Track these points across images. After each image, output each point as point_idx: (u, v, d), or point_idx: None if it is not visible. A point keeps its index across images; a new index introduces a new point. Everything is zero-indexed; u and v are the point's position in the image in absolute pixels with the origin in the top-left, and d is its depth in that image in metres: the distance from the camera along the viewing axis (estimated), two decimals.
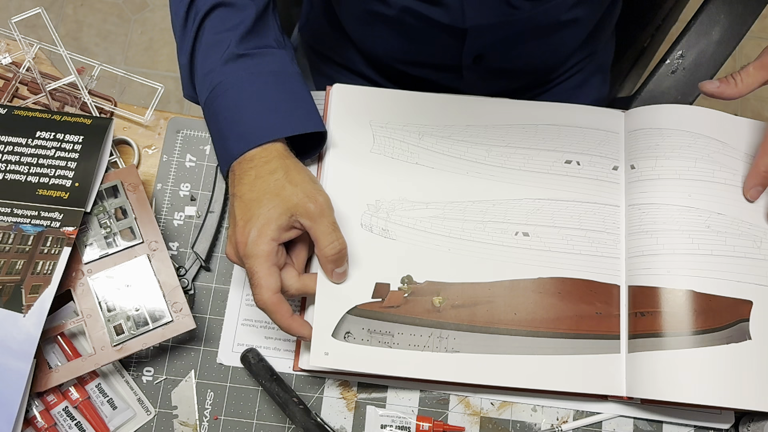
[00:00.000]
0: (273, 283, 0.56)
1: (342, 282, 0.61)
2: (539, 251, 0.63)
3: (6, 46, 0.70)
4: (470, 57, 0.72)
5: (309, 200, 0.57)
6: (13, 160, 0.62)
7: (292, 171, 0.59)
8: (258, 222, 0.56)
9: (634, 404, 0.62)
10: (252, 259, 0.56)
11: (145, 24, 1.65)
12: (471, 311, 0.62)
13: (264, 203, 0.57)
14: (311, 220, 0.57)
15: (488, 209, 0.65)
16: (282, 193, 0.57)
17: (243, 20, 0.63)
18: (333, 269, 0.59)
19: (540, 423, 0.62)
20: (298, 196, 0.57)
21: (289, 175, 0.58)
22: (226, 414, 0.62)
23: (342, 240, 0.58)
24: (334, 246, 0.58)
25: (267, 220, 0.56)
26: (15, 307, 0.57)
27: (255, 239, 0.56)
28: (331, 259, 0.58)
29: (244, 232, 0.56)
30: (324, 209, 0.57)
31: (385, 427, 0.61)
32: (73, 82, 0.68)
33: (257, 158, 0.59)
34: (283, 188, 0.57)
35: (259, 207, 0.57)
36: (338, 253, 0.58)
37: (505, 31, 0.68)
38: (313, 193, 0.57)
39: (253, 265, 0.56)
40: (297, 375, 0.62)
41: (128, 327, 0.59)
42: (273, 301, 0.56)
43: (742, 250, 0.61)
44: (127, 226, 0.62)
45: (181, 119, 0.69)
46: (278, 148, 0.60)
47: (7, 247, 0.60)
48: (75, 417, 0.60)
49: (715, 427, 0.62)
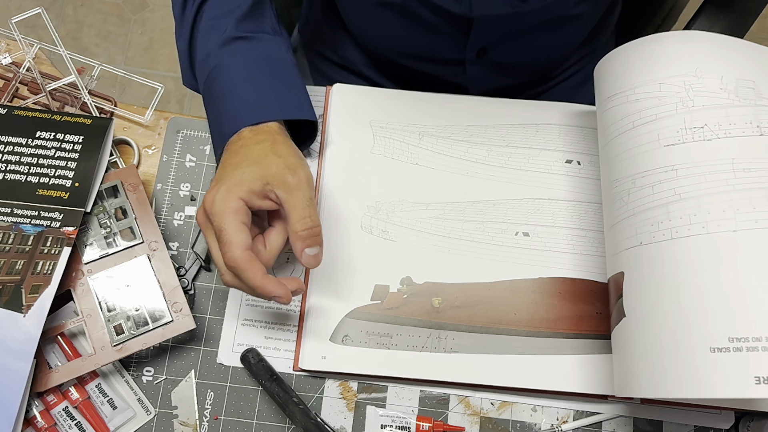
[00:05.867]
0: (243, 240, 0.52)
1: (314, 267, 0.56)
2: (539, 251, 0.63)
3: (6, 46, 0.70)
4: (474, 50, 0.72)
5: (288, 171, 0.55)
6: (13, 160, 0.62)
7: (280, 144, 0.57)
8: (229, 182, 0.54)
9: (634, 404, 0.62)
10: (219, 216, 0.53)
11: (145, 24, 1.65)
12: (470, 311, 0.62)
13: (241, 167, 0.55)
14: (286, 192, 0.54)
15: (488, 209, 0.65)
16: (263, 161, 0.55)
17: (240, 4, 0.64)
18: (302, 248, 0.54)
19: (540, 423, 0.62)
20: (278, 166, 0.55)
21: (275, 147, 0.57)
22: (226, 414, 0.62)
23: (315, 218, 0.55)
24: (306, 222, 0.54)
25: (239, 180, 0.54)
26: (15, 307, 0.57)
27: (223, 197, 0.54)
28: (301, 235, 0.54)
29: (214, 190, 0.54)
30: (302, 183, 0.55)
31: (385, 427, 0.61)
32: (73, 82, 0.68)
33: (247, 136, 0.58)
34: (265, 157, 0.56)
35: (234, 170, 0.55)
36: (309, 230, 0.54)
37: (510, 24, 0.68)
38: (295, 167, 0.55)
39: (220, 222, 0.53)
40: (297, 375, 0.62)
41: (128, 327, 0.59)
42: (244, 258, 0.52)
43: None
44: (127, 226, 0.62)
45: (181, 119, 0.69)
46: (272, 127, 0.59)
47: (7, 247, 0.60)
48: (75, 417, 0.60)
49: (715, 426, 0.62)
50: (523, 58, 0.75)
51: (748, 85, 0.51)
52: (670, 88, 0.53)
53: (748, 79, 0.51)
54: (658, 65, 0.54)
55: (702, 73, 0.52)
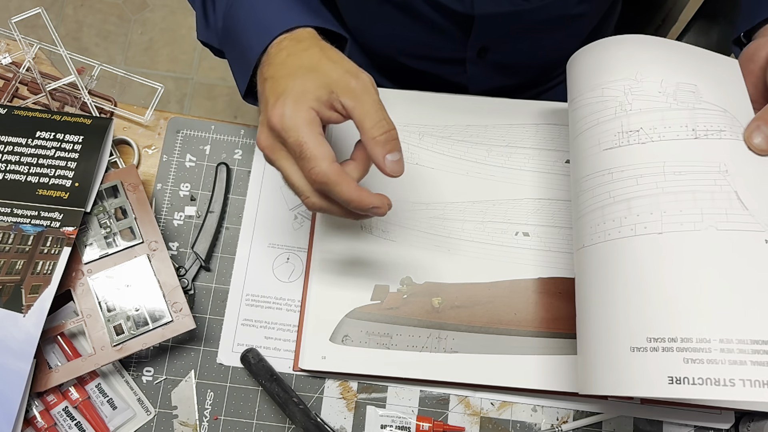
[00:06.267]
0: (328, 151, 0.47)
1: (399, 174, 0.49)
2: (539, 251, 0.63)
3: (6, 46, 0.70)
4: (475, 49, 0.72)
5: (350, 76, 0.49)
6: (13, 160, 0.62)
7: (329, 50, 0.52)
8: (293, 93, 0.49)
9: (634, 404, 0.62)
10: (295, 130, 0.48)
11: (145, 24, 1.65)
12: (470, 311, 0.62)
13: (299, 76, 0.49)
14: (353, 99, 0.49)
15: (488, 209, 0.65)
16: (319, 67, 0.50)
17: None
18: (384, 155, 0.49)
19: (540, 423, 0.62)
20: (337, 72, 0.49)
21: (326, 53, 0.51)
22: (226, 414, 0.62)
23: (390, 121, 0.49)
24: (382, 125, 0.49)
25: (302, 90, 0.49)
26: (15, 307, 0.57)
27: (293, 109, 0.48)
28: (379, 140, 0.48)
29: (278, 105, 0.48)
30: (368, 86, 0.49)
31: (385, 427, 0.61)
32: (73, 82, 0.68)
33: (286, 41, 0.53)
34: (319, 63, 0.50)
35: (292, 80, 0.49)
36: (387, 133, 0.49)
37: (511, 23, 0.68)
38: (356, 70, 0.50)
39: (298, 136, 0.48)
40: (297, 375, 0.62)
41: (128, 327, 0.59)
42: (334, 170, 0.47)
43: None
44: (127, 226, 0.62)
45: (181, 119, 0.69)
46: (309, 31, 0.53)
47: (7, 247, 0.60)
48: (75, 417, 0.60)
49: (715, 427, 0.62)
50: (523, 57, 0.75)
51: (688, 88, 0.51)
52: (612, 93, 0.53)
53: (690, 82, 0.52)
54: (602, 70, 0.55)
55: (642, 77, 0.53)
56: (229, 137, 0.68)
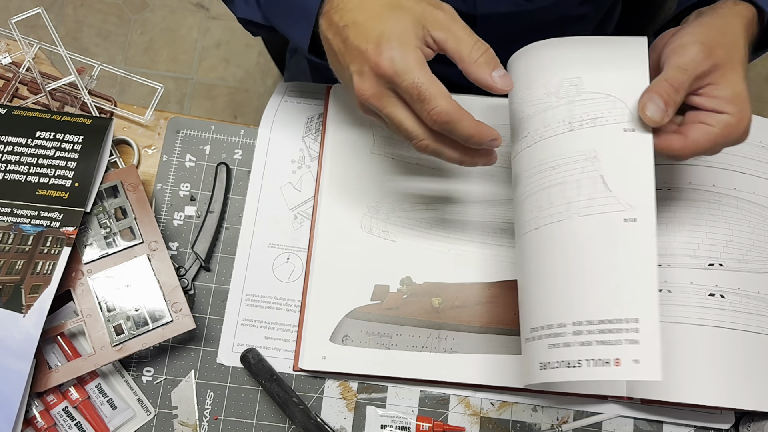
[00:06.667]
0: (444, 90, 0.47)
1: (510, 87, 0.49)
2: None
3: (6, 46, 0.70)
4: None
5: (435, 8, 0.48)
6: (13, 160, 0.62)
7: None
8: (394, 34, 0.47)
9: (634, 404, 0.62)
10: (409, 72, 0.47)
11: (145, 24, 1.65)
12: (470, 311, 0.62)
13: (385, 18, 0.48)
14: (444, 30, 0.48)
15: (488, 209, 0.65)
16: (401, 4, 0.48)
17: None
18: (490, 73, 0.48)
19: (540, 423, 0.62)
20: (421, 6, 0.48)
21: None
22: (226, 414, 0.62)
23: (483, 41, 0.49)
24: (479, 47, 0.48)
25: (403, 30, 0.47)
26: (15, 307, 0.57)
27: (401, 52, 0.47)
28: (481, 62, 0.48)
29: (383, 49, 0.47)
30: (454, 14, 0.49)
31: (385, 427, 0.61)
32: (73, 82, 0.68)
33: None
34: (397, 5, 0.48)
35: (383, 22, 0.48)
36: (486, 53, 0.48)
37: (513, 23, 0.68)
38: (436, 1, 0.49)
39: (414, 78, 0.47)
40: (297, 375, 0.62)
41: (128, 327, 0.59)
42: (455, 107, 0.47)
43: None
44: (127, 226, 0.62)
45: (181, 119, 0.69)
46: None
47: (7, 247, 0.60)
48: (75, 417, 0.60)
49: (715, 427, 0.62)
50: None
51: (571, 82, 0.52)
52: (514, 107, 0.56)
53: (573, 76, 0.52)
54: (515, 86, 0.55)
55: (531, 84, 0.54)
56: (229, 137, 0.68)
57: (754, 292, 0.60)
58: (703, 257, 0.60)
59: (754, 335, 0.59)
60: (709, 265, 0.60)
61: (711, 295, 0.59)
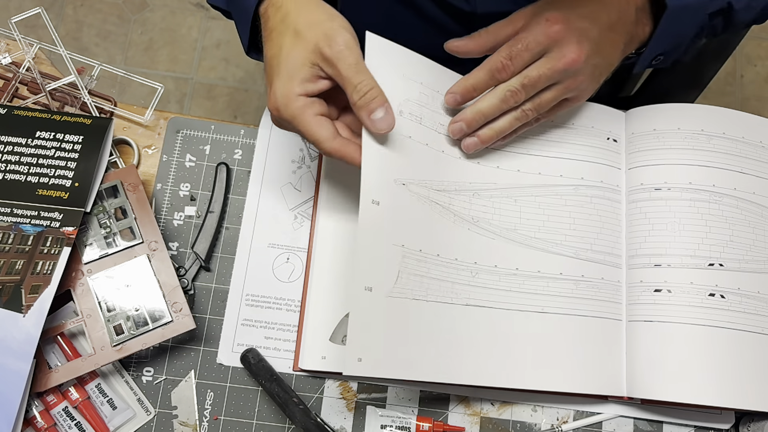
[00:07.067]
0: (326, 132, 0.52)
1: (386, 130, 0.53)
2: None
3: (6, 46, 0.70)
4: None
5: (325, 43, 0.51)
6: (13, 160, 0.62)
7: (304, 10, 0.53)
8: (280, 81, 0.53)
9: (634, 404, 0.62)
10: (293, 120, 0.52)
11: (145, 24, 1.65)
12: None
13: (281, 58, 0.53)
14: (331, 67, 0.51)
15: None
16: (297, 41, 0.53)
17: None
18: (368, 116, 0.52)
19: (540, 423, 0.62)
20: (314, 41, 0.52)
21: (302, 16, 0.53)
22: (226, 414, 0.62)
23: (368, 81, 0.51)
24: (359, 90, 0.51)
25: (288, 76, 0.52)
26: (15, 307, 0.57)
27: (285, 100, 0.52)
28: (359, 104, 0.51)
29: (272, 95, 0.53)
30: (342, 52, 0.51)
31: (385, 427, 0.61)
32: (73, 82, 0.68)
33: (270, 8, 0.55)
34: (297, 35, 0.53)
35: (278, 64, 0.53)
36: (365, 96, 0.51)
37: None
38: (330, 35, 0.52)
39: (297, 126, 0.53)
40: (297, 375, 0.62)
41: (128, 327, 0.59)
42: (336, 148, 0.52)
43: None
44: (126, 226, 0.62)
45: (180, 119, 0.69)
46: None
47: (7, 247, 0.60)
48: (75, 417, 0.60)
49: (715, 427, 0.62)
50: None
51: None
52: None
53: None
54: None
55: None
56: (229, 137, 0.68)
57: (754, 292, 0.60)
58: (703, 257, 0.60)
59: (754, 335, 0.59)
60: (709, 265, 0.60)
61: (711, 295, 0.59)
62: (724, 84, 1.57)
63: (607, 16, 0.57)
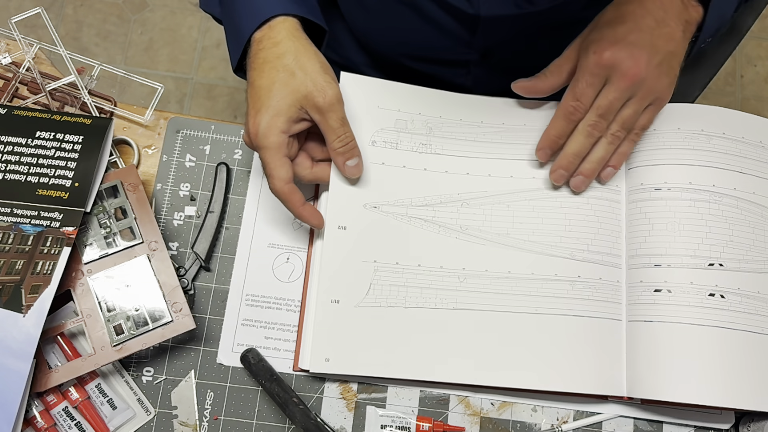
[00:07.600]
0: (284, 174, 0.57)
1: (356, 176, 0.62)
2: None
3: (6, 46, 0.70)
4: (479, 52, 0.72)
5: (318, 93, 0.56)
6: (13, 160, 0.62)
7: (302, 56, 0.58)
8: (267, 113, 0.56)
9: (634, 404, 0.62)
10: (263, 150, 0.57)
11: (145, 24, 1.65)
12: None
13: (273, 92, 0.57)
14: (319, 114, 0.57)
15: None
16: (291, 82, 0.57)
17: None
18: (344, 162, 0.60)
19: (540, 423, 0.62)
20: (307, 87, 0.57)
21: (299, 60, 0.57)
22: (226, 414, 0.62)
23: (350, 134, 0.59)
24: (342, 139, 0.58)
25: (276, 111, 0.56)
26: (15, 307, 0.57)
27: (265, 131, 0.56)
28: (340, 152, 0.59)
29: (255, 122, 0.57)
30: (333, 104, 0.57)
31: (385, 427, 0.61)
32: (73, 82, 0.68)
33: (266, 39, 0.58)
34: (292, 76, 0.57)
35: (269, 97, 0.57)
36: (346, 146, 0.59)
37: (516, 27, 0.68)
38: (323, 86, 0.57)
39: (264, 156, 0.57)
40: (297, 375, 0.62)
41: (128, 327, 0.59)
42: (284, 191, 0.58)
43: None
44: (126, 226, 0.62)
45: (180, 119, 0.69)
46: (288, 26, 0.59)
47: (7, 247, 0.60)
48: (75, 417, 0.60)
49: (715, 427, 0.62)
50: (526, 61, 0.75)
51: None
52: None
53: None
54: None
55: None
56: (229, 137, 0.68)
57: (754, 292, 0.60)
58: (703, 257, 0.60)
59: (754, 335, 0.59)
60: (709, 265, 0.60)
61: (711, 295, 0.59)
62: (724, 84, 1.57)
63: (652, 17, 0.58)
